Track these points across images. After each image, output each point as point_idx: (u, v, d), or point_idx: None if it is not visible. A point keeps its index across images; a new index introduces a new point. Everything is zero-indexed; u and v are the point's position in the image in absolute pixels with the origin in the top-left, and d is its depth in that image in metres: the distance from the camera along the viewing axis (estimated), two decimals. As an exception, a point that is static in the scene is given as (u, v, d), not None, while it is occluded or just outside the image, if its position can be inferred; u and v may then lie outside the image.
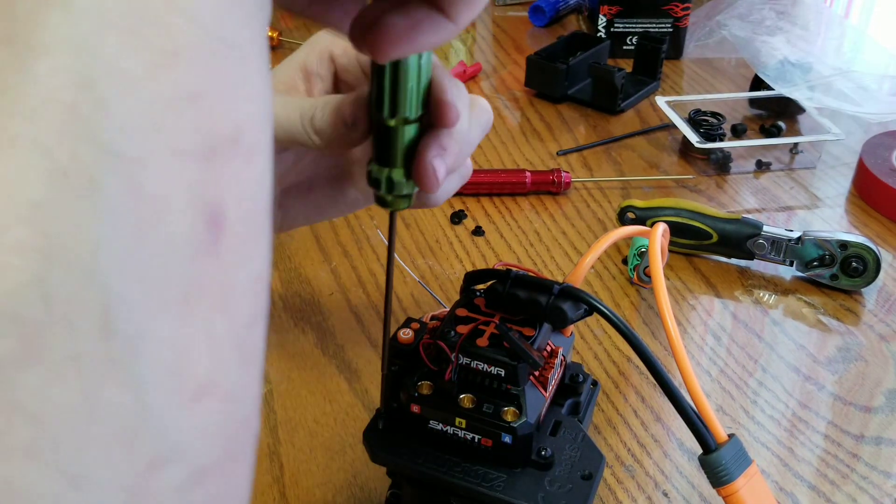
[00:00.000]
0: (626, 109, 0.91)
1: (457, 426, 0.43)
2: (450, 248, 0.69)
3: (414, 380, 0.43)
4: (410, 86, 0.34)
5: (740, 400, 0.57)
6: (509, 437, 0.42)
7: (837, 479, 0.52)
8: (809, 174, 0.82)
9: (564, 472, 0.43)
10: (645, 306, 0.64)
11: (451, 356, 0.42)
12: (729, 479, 0.42)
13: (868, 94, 0.87)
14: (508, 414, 0.42)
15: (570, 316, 0.44)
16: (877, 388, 0.59)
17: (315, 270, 0.65)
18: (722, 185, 0.79)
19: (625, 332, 0.43)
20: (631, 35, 1.01)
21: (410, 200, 0.37)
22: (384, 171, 0.35)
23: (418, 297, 0.63)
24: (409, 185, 0.36)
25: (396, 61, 0.33)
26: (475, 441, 0.43)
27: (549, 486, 0.42)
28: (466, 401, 0.42)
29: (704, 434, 0.42)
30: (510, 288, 0.44)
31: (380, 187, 0.36)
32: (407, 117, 0.34)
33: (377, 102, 0.34)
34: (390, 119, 0.34)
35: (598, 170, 0.81)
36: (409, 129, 0.35)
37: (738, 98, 0.91)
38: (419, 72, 0.33)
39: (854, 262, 0.65)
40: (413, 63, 0.33)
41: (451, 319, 0.44)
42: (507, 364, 0.42)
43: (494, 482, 0.42)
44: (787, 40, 0.92)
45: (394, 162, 0.35)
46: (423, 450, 0.43)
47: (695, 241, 0.68)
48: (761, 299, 0.66)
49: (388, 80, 0.33)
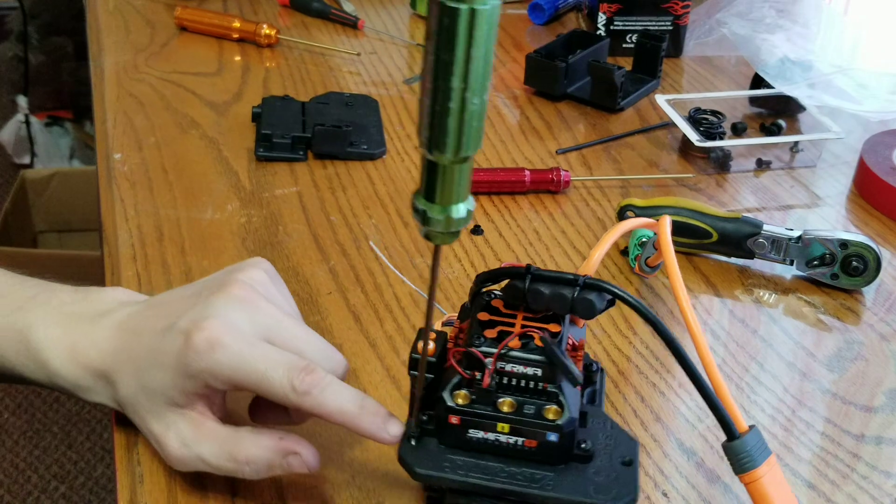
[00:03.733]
0: (625, 108, 0.90)
1: (499, 431, 0.42)
2: (448, 248, 0.68)
3: (449, 391, 0.42)
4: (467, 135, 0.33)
5: (740, 399, 0.57)
6: (555, 434, 0.42)
7: (837, 479, 0.51)
8: (810, 173, 0.81)
9: (605, 462, 0.43)
10: (650, 297, 0.64)
11: (488, 363, 0.42)
12: (752, 466, 0.43)
13: (868, 92, 0.86)
14: (550, 412, 0.42)
15: (599, 307, 0.43)
16: (877, 388, 0.58)
17: (313, 269, 0.65)
18: (722, 184, 0.79)
19: (651, 320, 0.43)
20: (630, 33, 1.00)
21: (458, 235, 0.36)
22: (434, 207, 0.35)
23: (417, 298, 0.63)
24: (460, 220, 0.35)
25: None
26: (518, 444, 0.42)
27: (595, 478, 0.42)
28: (506, 405, 0.42)
29: (729, 421, 0.43)
30: (532, 284, 0.43)
31: (428, 223, 0.35)
32: (466, 155, 0.34)
33: (433, 144, 0.34)
34: (443, 156, 0.34)
35: (597, 168, 0.80)
36: (464, 167, 0.34)
37: (738, 96, 0.91)
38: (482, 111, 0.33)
39: (854, 261, 0.65)
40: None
41: (476, 325, 0.44)
42: (544, 363, 0.42)
43: (543, 482, 0.42)
44: (787, 38, 0.92)
45: (446, 198, 0.35)
46: (464, 460, 0.43)
47: (695, 240, 0.68)
48: (761, 298, 0.66)
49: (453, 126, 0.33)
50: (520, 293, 0.44)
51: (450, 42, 0.32)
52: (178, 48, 0.96)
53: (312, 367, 0.44)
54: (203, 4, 1.04)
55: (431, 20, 0.32)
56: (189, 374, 0.44)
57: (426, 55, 0.33)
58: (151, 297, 0.51)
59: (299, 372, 0.43)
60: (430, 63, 0.33)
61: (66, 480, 1.58)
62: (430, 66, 0.33)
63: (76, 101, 2.24)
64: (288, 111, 0.81)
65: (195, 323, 0.44)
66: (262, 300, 0.46)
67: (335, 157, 0.78)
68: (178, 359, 0.44)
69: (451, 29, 0.32)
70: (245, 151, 0.78)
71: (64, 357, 0.48)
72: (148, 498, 0.47)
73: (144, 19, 1.01)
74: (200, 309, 0.45)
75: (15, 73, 2.28)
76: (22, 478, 1.58)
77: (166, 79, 0.89)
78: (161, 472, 0.48)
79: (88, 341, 0.48)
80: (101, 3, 1.04)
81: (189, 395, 0.45)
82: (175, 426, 0.45)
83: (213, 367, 0.43)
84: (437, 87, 0.33)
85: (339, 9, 1.04)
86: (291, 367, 0.43)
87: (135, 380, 0.46)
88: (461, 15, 0.31)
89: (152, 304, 0.50)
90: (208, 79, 0.90)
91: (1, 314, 0.49)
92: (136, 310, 0.49)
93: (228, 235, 0.68)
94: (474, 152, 0.35)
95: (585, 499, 0.41)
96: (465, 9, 0.31)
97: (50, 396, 1.72)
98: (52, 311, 0.49)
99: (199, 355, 0.43)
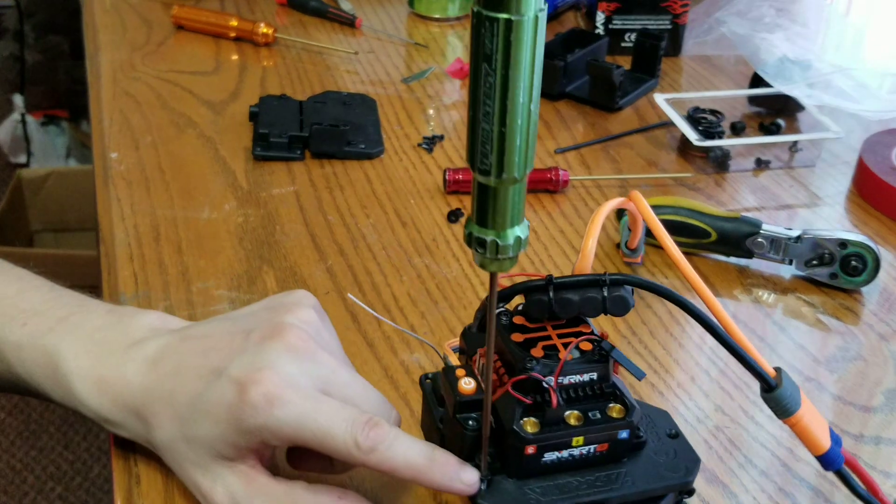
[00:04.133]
0: (624, 107, 0.90)
1: (573, 446, 0.42)
2: (446, 247, 0.68)
3: (518, 422, 0.41)
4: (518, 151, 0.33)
5: (739, 400, 0.56)
6: (626, 431, 0.42)
7: (837, 480, 0.51)
8: (809, 172, 0.81)
9: (655, 442, 0.44)
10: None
11: (549, 381, 0.41)
12: (795, 409, 0.43)
13: (868, 91, 0.86)
14: (615, 411, 0.42)
15: (631, 301, 0.43)
16: (876, 388, 0.58)
17: (311, 269, 0.65)
18: (721, 184, 0.79)
19: (679, 301, 0.43)
20: (629, 32, 1.00)
21: (515, 261, 0.36)
22: (488, 232, 0.34)
23: (415, 298, 0.63)
24: (514, 246, 0.35)
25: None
26: (591, 452, 0.42)
27: (658, 459, 0.43)
28: (573, 418, 0.42)
29: (764, 374, 0.43)
30: (556, 293, 0.43)
31: (484, 250, 0.35)
32: (515, 177, 0.33)
33: (502, 168, 0.33)
34: (496, 179, 0.33)
35: (596, 168, 0.80)
36: (516, 189, 0.34)
37: (738, 95, 0.91)
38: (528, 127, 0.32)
39: (854, 260, 0.64)
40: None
41: (519, 349, 0.43)
42: (598, 365, 0.42)
43: (621, 480, 0.42)
44: (787, 37, 0.92)
45: (500, 223, 0.34)
46: (541, 486, 0.42)
47: (693, 240, 0.67)
48: (760, 298, 0.66)
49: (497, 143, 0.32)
50: (545, 305, 0.43)
51: (517, 56, 0.31)
52: (174, 47, 0.96)
53: (376, 420, 0.41)
54: (200, 3, 1.04)
55: (489, 39, 0.31)
56: (244, 430, 0.41)
57: (482, 77, 0.32)
58: (187, 328, 0.48)
59: (363, 427, 0.41)
60: (492, 83, 0.31)
61: (63, 481, 1.58)
62: (493, 86, 0.31)
63: (72, 100, 2.23)
64: (285, 110, 0.81)
65: (249, 374, 0.41)
66: (318, 349, 0.44)
67: (333, 156, 0.78)
68: (231, 412, 0.41)
69: (518, 42, 0.31)
70: (242, 151, 0.78)
71: (93, 390, 0.46)
72: (145, 499, 0.47)
73: (141, 18, 1.01)
74: (253, 357, 0.43)
75: (11, 71, 2.28)
76: (18, 478, 1.57)
77: (163, 78, 0.89)
78: (158, 472, 0.48)
79: (118, 375, 0.46)
80: (97, 2, 1.03)
81: (241, 450, 0.42)
82: (223, 480, 0.43)
83: (271, 425, 0.41)
84: (505, 106, 0.32)
85: (337, 7, 1.04)
86: (354, 422, 0.41)
87: (175, 426, 0.44)
88: (526, 25, 0.30)
89: (189, 336, 0.47)
90: (205, 78, 0.90)
91: (32, 334, 0.48)
92: (171, 342, 0.46)
93: (225, 235, 0.68)
94: (532, 167, 0.34)
95: (667, 482, 0.42)
96: (531, 17, 0.30)
97: (46, 396, 1.72)
98: (83, 337, 0.47)
99: (255, 411, 0.41)
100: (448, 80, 0.93)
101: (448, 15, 1.06)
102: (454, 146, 0.81)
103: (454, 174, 0.74)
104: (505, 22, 0.30)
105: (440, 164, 0.78)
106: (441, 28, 1.05)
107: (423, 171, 0.77)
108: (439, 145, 0.81)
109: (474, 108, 0.32)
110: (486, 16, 0.31)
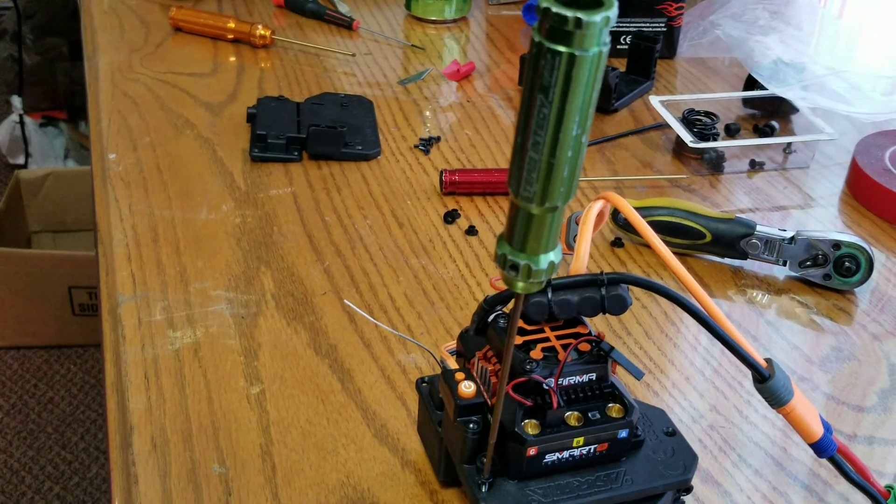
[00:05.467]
0: (619, 109, 0.91)
1: (574, 447, 0.42)
2: (443, 248, 0.69)
3: (519, 425, 0.42)
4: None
5: (734, 400, 0.57)
6: (625, 430, 0.42)
7: (830, 479, 0.52)
8: (803, 174, 0.82)
9: (652, 440, 0.44)
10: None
11: (549, 382, 0.42)
12: (788, 399, 0.44)
13: (861, 93, 0.87)
14: (614, 410, 0.42)
15: (629, 300, 0.43)
16: (869, 388, 0.59)
17: (308, 270, 0.65)
18: (715, 185, 0.79)
19: (674, 298, 0.43)
20: (624, 34, 1.01)
21: (542, 285, 0.36)
22: (522, 256, 0.34)
23: (411, 298, 0.63)
24: (547, 271, 0.35)
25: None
26: (591, 452, 0.43)
27: (656, 457, 0.43)
28: (573, 419, 0.42)
29: (757, 365, 0.43)
30: (555, 295, 0.43)
31: (517, 273, 0.34)
32: (557, 206, 0.33)
33: (546, 197, 0.33)
34: (538, 207, 0.33)
35: (591, 169, 0.81)
36: (556, 216, 0.34)
37: (732, 98, 0.91)
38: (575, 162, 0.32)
39: (847, 261, 0.65)
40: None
41: (519, 352, 0.43)
42: (597, 365, 0.42)
43: (621, 479, 0.42)
44: (781, 40, 0.92)
45: (534, 248, 0.34)
46: (542, 487, 0.42)
47: (688, 241, 0.68)
48: (754, 299, 0.66)
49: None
50: (544, 307, 0.43)
51: (576, 91, 0.30)
52: (172, 48, 0.96)
53: None
54: (198, 5, 1.04)
55: (549, 72, 0.30)
56: None
57: (535, 108, 0.31)
58: None
59: None
60: (546, 115, 0.31)
61: (61, 481, 1.58)
62: (546, 118, 0.31)
63: (71, 102, 2.23)
64: (283, 112, 0.81)
65: None
66: None
67: (330, 157, 0.78)
68: None
69: (578, 77, 0.30)
70: (240, 152, 0.78)
71: None
72: (143, 498, 0.47)
73: (139, 19, 1.01)
74: None
75: (9, 73, 2.28)
76: (16, 478, 1.57)
77: (161, 79, 0.89)
78: (155, 472, 0.48)
79: None
80: (95, 3, 1.04)
81: None
82: None
83: None
84: (557, 139, 0.31)
85: (334, 9, 1.04)
86: None
87: None
88: (589, 61, 0.30)
89: None
90: (203, 79, 0.90)
91: None
92: None
93: (223, 236, 0.68)
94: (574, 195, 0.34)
95: (666, 480, 0.42)
96: (595, 53, 0.30)
97: (44, 397, 1.72)
98: None
99: None
100: (445, 81, 0.93)
101: (445, 17, 1.06)
102: (450, 148, 0.82)
103: (450, 175, 0.74)
104: (568, 56, 0.30)
105: (437, 165, 0.79)
106: (438, 30, 1.05)
107: (420, 172, 0.78)
108: (436, 147, 0.82)
109: (523, 136, 0.32)
110: (547, 48, 0.30)
